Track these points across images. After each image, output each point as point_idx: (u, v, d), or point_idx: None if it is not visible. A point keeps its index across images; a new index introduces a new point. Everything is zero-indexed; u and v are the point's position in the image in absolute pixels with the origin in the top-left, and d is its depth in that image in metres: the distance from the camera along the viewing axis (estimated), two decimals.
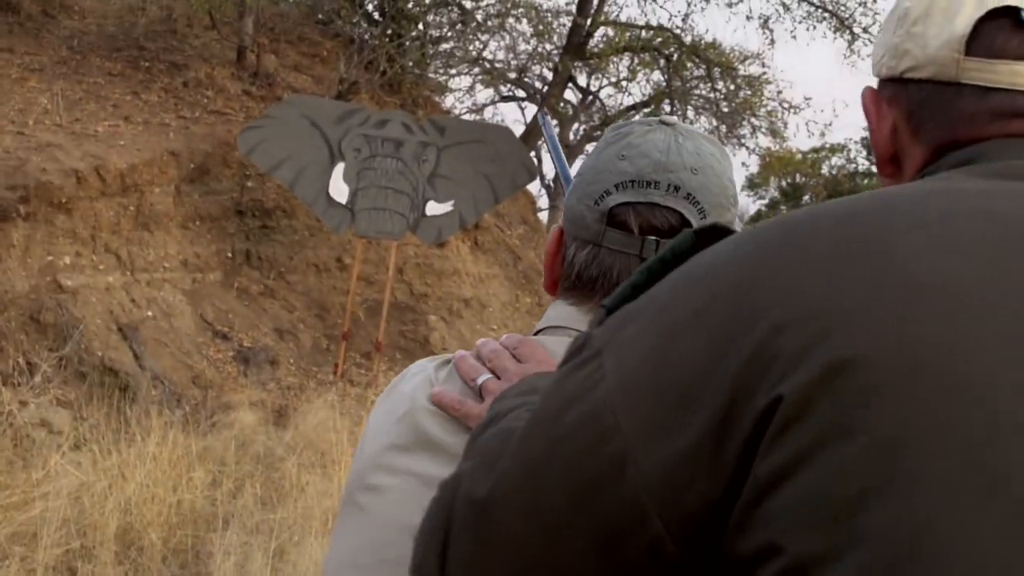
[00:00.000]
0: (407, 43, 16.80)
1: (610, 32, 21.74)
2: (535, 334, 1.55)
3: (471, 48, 20.66)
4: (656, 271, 1.07)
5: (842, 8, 20.69)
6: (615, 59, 24.05)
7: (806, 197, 35.69)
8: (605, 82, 27.67)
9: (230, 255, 13.16)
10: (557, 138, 1.85)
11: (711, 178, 1.48)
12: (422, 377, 1.48)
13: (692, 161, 1.47)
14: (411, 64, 17.34)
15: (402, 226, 12.45)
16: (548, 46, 22.85)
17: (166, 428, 8.38)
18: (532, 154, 20.48)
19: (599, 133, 28.32)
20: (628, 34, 20.58)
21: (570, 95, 26.82)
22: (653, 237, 1.44)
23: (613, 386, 0.97)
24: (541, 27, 20.14)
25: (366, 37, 16.80)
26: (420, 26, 17.74)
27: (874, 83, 1.32)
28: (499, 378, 1.40)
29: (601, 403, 0.97)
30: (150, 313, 11.23)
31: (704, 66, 21.23)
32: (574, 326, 1.48)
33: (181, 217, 12.52)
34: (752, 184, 38.44)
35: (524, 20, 19.85)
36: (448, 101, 22.01)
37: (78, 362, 9.86)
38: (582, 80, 26.80)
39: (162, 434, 8.12)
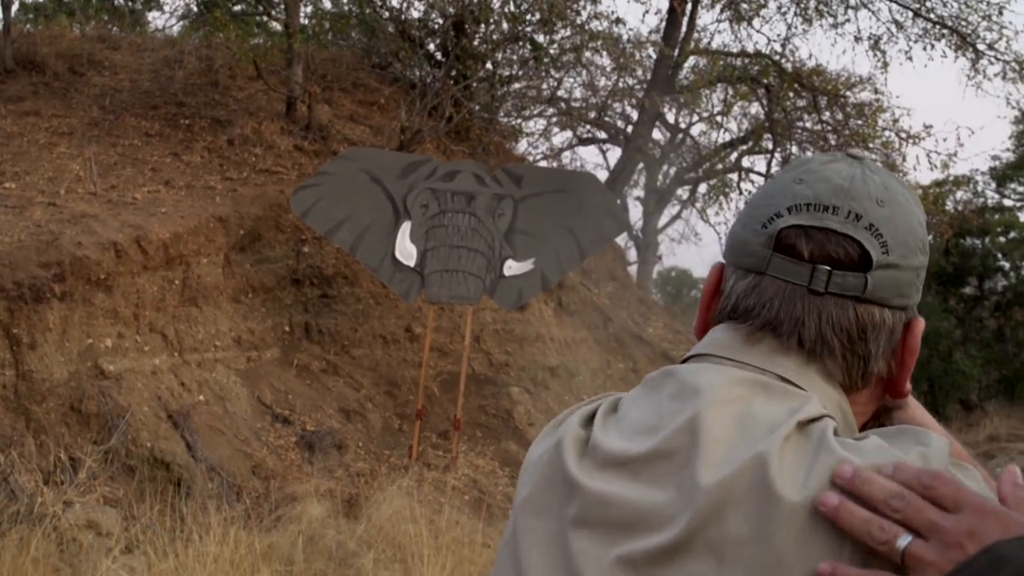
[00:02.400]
0: (474, 85, 16.92)
1: (701, 62, 21.82)
2: (683, 362, 1.53)
3: (545, 87, 20.84)
4: None
5: (963, 24, 20.54)
6: (707, 92, 24.12)
7: (929, 237, 35.39)
8: (697, 118, 27.78)
9: (287, 329, 13.30)
10: None
11: (898, 213, 1.45)
12: (571, 436, 1.48)
13: (878, 193, 1.45)
14: (479, 108, 17.48)
15: (478, 289, 12.44)
16: (631, 80, 22.95)
17: (226, 525, 8.45)
18: (619, 201, 20.46)
19: (691, 175, 28.38)
20: (721, 63, 20.57)
21: (657, 134, 26.96)
22: (826, 267, 1.41)
23: None
24: (622, 60, 20.17)
25: (429, 80, 17.05)
26: (488, 65, 17.83)
27: None
28: (926, 538, 1.21)
29: None
30: (202, 397, 11.36)
31: (808, 95, 21.16)
32: (722, 353, 1.48)
33: (232, 289, 12.71)
34: None
35: (603, 53, 19.92)
36: (521, 146, 22.08)
37: (125, 455, 9.97)
38: (671, 116, 26.93)
39: (222, 532, 8.19)
